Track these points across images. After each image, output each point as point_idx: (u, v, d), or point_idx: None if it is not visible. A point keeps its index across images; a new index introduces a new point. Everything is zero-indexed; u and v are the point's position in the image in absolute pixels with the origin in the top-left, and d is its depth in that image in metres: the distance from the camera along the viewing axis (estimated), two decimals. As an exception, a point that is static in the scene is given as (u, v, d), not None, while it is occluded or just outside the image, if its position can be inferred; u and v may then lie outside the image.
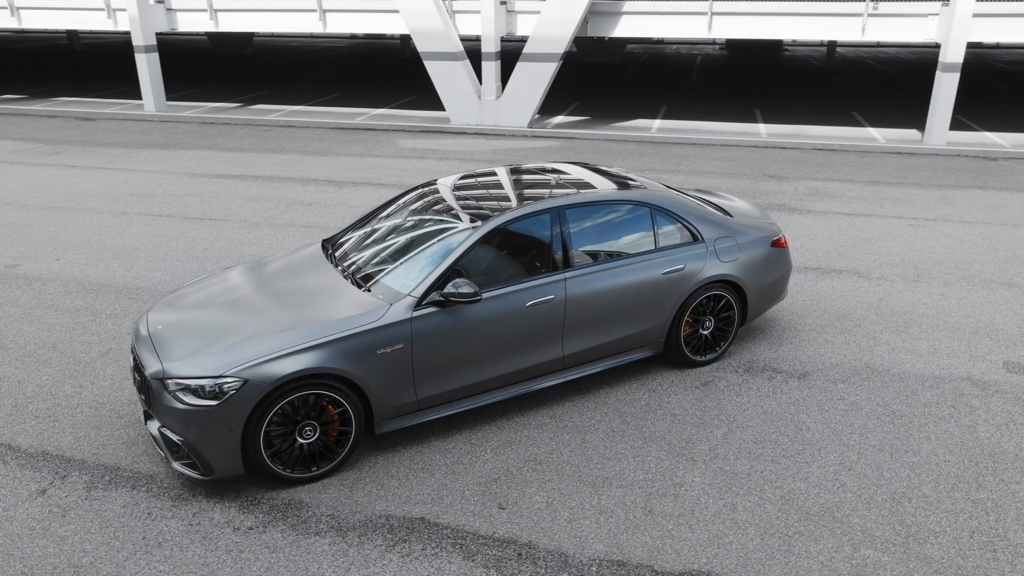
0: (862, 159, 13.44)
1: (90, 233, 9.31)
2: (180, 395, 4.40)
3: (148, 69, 17.43)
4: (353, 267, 5.34)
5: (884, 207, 10.42)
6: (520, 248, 5.29)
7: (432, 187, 6.05)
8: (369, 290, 5.02)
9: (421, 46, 15.80)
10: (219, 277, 5.57)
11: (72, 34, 34.03)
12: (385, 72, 24.98)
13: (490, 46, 15.63)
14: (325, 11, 16.93)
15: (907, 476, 4.79)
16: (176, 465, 4.56)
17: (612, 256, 5.55)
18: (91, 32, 43.44)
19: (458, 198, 5.67)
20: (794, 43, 37.29)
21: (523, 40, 35.37)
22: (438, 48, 15.69)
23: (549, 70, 15.49)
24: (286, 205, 10.51)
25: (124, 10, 17.42)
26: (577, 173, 6.21)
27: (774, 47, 34.64)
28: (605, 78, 23.75)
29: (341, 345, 4.60)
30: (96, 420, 5.42)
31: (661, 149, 14.16)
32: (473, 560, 4.13)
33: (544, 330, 5.27)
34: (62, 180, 11.83)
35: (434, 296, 4.86)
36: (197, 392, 4.38)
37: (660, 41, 37.45)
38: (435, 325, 4.87)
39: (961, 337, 6.61)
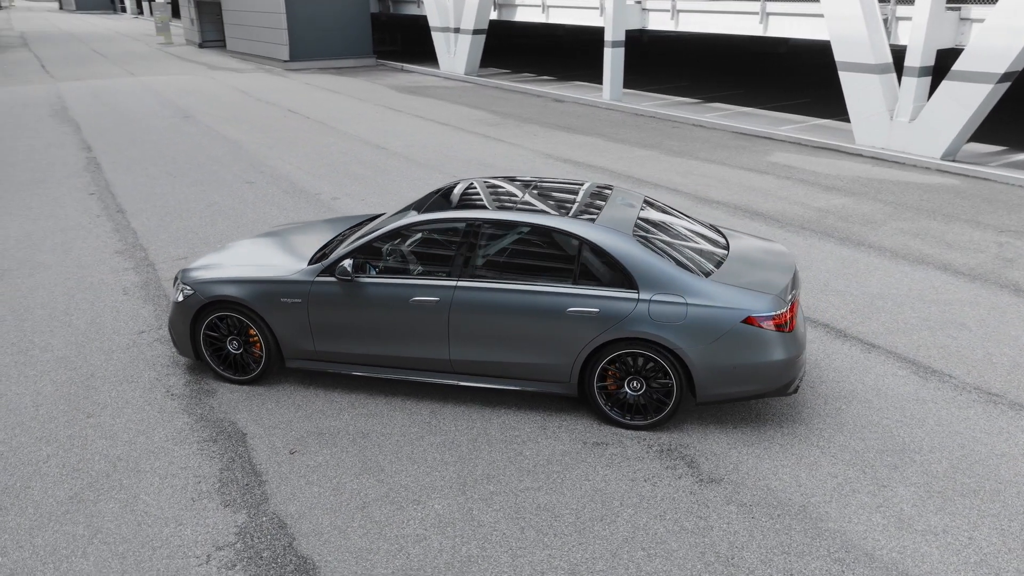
0: None
1: (409, 186, 11.90)
2: (179, 290, 6.29)
3: (612, 62, 19.62)
4: (338, 236, 6.45)
5: None
6: (431, 248, 5.68)
7: (471, 180, 6.60)
8: (324, 254, 6.11)
9: (839, 54, 14.43)
10: (310, 222, 7.22)
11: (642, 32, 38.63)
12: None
13: (915, 59, 13.43)
14: (768, 14, 16.63)
15: (612, 611, 3.92)
16: (178, 340, 6.52)
17: (517, 279, 5.44)
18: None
19: (463, 194, 6.17)
20: None
21: None
22: (854, 58, 14.13)
23: (981, 93, 12.60)
24: (567, 193, 11.51)
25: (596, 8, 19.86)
26: (599, 196, 6.01)
27: None
28: None
29: (256, 287, 5.89)
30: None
31: (1086, 210, 10.54)
32: (223, 472, 5.10)
33: (428, 329, 5.59)
34: (461, 145, 14.85)
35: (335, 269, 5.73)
36: (181, 291, 6.21)
37: None
38: (329, 292, 5.74)
39: (1016, 536, 4.36)
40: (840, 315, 7.33)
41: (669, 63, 28.11)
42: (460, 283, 5.53)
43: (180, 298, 6.15)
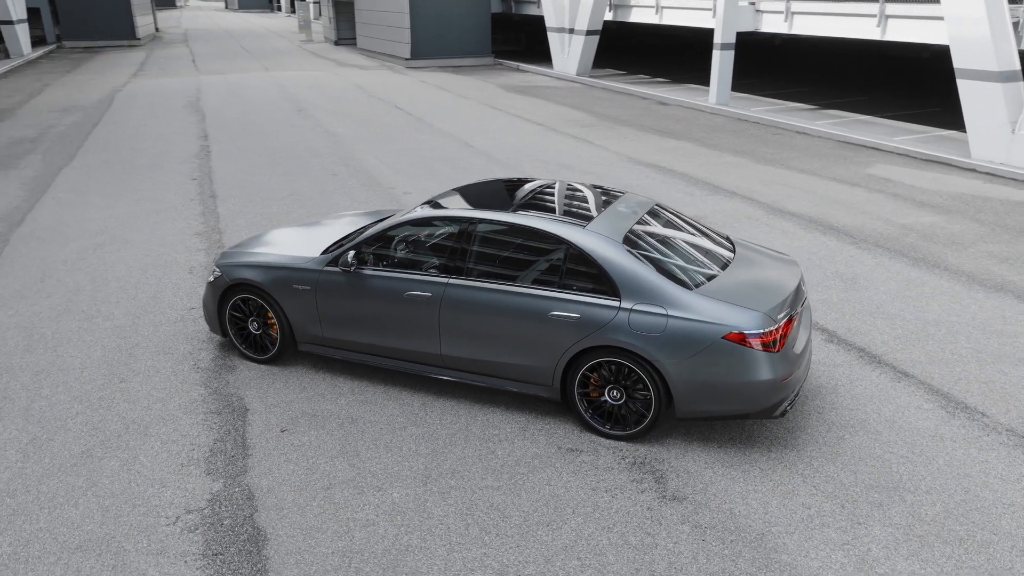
0: None
1: (473, 177, 12.06)
2: (212, 271, 6.76)
3: (720, 65, 19.04)
4: (359, 228, 6.70)
5: None
6: (427, 245, 5.82)
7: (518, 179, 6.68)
8: (339, 244, 6.38)
9: (957, 60, 13.38)
10: (355, 213, 7.54)
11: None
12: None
13: (1043, 67, 12.24)
14: (887, 16, 15.63)
15: (525, 616, 3.91)
16: (214, 318, 7.00)
17: (506, 279, 5.46)
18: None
19: (471, 191, 6.30)
20: None
21: None
22: (975, 64, 13.05)
23: (1116, 106, 11.34)
24: (636, 197, 11.34)
25: (706, 9, 19.30)
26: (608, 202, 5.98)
27: None
28: None
29: (271, 272, 6.24)
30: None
31: None
32: (216, 444, 5.46)
33: (421, 323, 5.73)
34: (547, 145, 14.89)
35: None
36: (213, 272, 6.67)
37: None
38: (334, 282, 6.00)
39: (995, 596, 3.96)
40: (882, 340, 6.86)
41: (796, 67, 26.94)
42: (451, 280, 5.63)
43: (211, 278, 6.61)
